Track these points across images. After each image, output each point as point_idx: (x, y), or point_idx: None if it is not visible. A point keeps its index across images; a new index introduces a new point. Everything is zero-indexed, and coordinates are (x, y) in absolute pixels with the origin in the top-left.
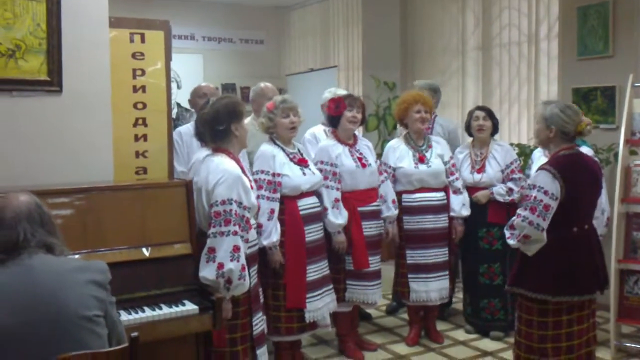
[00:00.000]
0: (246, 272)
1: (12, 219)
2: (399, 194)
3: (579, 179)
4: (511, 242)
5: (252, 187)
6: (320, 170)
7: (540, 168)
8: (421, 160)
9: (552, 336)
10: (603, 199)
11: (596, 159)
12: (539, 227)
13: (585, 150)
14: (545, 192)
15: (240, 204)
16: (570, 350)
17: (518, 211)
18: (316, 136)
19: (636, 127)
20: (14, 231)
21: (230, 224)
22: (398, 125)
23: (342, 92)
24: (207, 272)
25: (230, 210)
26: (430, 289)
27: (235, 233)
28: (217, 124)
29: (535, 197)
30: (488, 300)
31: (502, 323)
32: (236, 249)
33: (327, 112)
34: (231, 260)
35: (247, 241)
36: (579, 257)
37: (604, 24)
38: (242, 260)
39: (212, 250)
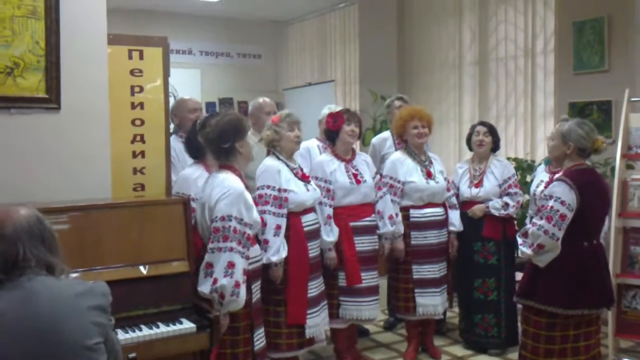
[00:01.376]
0: (240, 288)
1: (11, 234)
2: (405, 209)
3: (591, 193)
4: (524, 249)
5: (257, 204)
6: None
7: (558, 179)
8: (429, 175)
9: (558, 350)
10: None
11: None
12: (554, 236)
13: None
14: (562, 202)
15: (241, 220)
16: None
17: (534, 220)
18: (310, 150)
19: (632, 141)
20: (13, 247)
21: (228, 240)
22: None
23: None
24: (204, 287)
25: (229, 226)
26: (437, 302)
27: (232, 249)
28: (222, 143)
29: (552, 207)
30: (482, 315)
31: (496, 340)
32: (231, 265)
33: (326, 126)
34: (224, 276)
35: (247, 258)
36: (589, 270)
37: (600, 39)
38: (237, 276)
39: (209, 265)
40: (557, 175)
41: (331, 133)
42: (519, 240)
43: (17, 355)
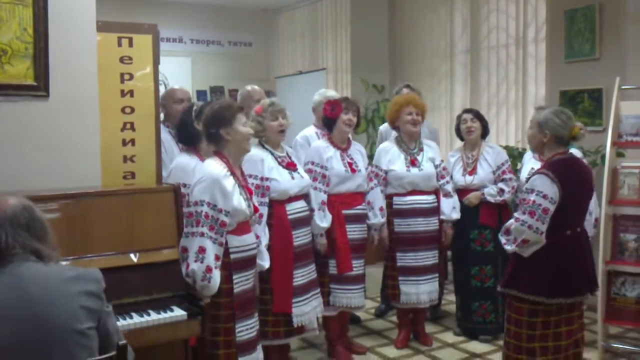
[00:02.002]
0: (212, 273)
1: None
2: (389, 197)
3: (573, 183)
4: (508, 247)
5: (251, 192)
6: (310, 171)
7: (538, 172)
8: (413, 163)
9: (539, 336)
10: (592, 200)
11: (585, 161)
12: (538, 230)
13: (575, 152)
14: (544, 196)
15: (214, 206)
16: (557, 350)
17: (516, 215)
18: (308, 138)
19: (623, 129)
20: None
21: (199, 225)
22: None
23: (332, 93)
24: (183, 272)
25: (201, 211)
26: (421, 291)
27: (203, 234)
28: (209, 128)
29: (534, 201)
30: (479, 302)
31: (494, 325)
32: (202, 250)
33: (323, 114)
34: (195, 261)
35: (221, 244)
36: (572, 259)
37: (591, 27)
38: (208, 261)
39: (184, 249)
40: (537, 168)
41: (328, 120)
42: (502, 239)
43: (7, 338)
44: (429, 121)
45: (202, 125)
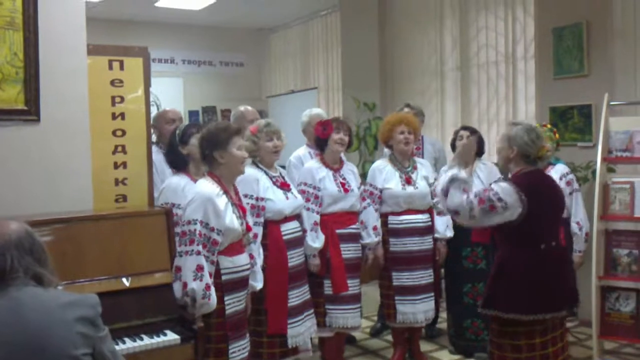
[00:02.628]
0: (210, 291)
1: (0, 247)
2: (385, 216)
3: (542, 196)
4: (440, 207)
5: (244, 211)
6: (303, 192)
7: (507, 180)
8: (408, 181)
9: (525, 359)
10: (580, 214)
11: (571, 176)
12: (473, 217)
13: (561, 167)
14: (500, 199)
15: (206, 225)
16: None
17: (470, 194)
18: (301, 159)
19: (612, 144)
20: (1, 258)
21: (194, 243)
22: (379, 146)
23: (317, 111)
24: (176, 292)
25: (194, 230)
26: (417, 310)
27: (199, 253)
28: (204, 149)
29: (489, 197)
30: (472, 320)
31: (486, 344)
32: (199, 268)
33: (315, 134)
34: (194, 280)
35: (213, 263)
36: (549, 273)
37: (579, 45)
38: (207, 279)
39: (178, 269)
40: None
41: (320, 141)
42: (441, 203)
43: None
44: (433, 139)
45: (198, 145)
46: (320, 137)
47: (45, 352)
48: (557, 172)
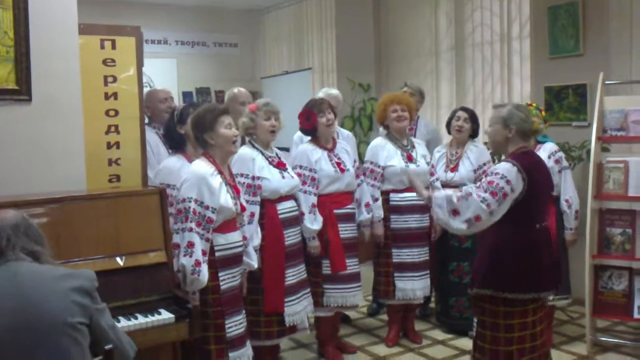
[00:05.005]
0: (201, 267)
1: None
2: (386, 193)
3: (538, 176)
4: (458, 226)
5: (238, 191)
6: (299, 175)
7: (505, 160)
8: (409, 159)
9: (518, 338)
10: (570, 192)
11: (560, 154)
12: (493, 212)
13: (549, 145)
14: (508, 182)
15: (201, 203)
16: (533, 349)
17: (477, 192)
18: (303, 140)
19: (607, 124)
20: None
21: (187, 220)
22: (375, 126)
23: (334, 91)
24: (175, 267)
25: (189, 207)
26: (416, 287)
27: (191, 230)
28: (194, 132)
29: (497, 184)
30: (456, 298)
31: (470, 322)
32: (190, 244)
33: (300, 126)
34: (184, 256)
35: (208, 240)
36: (543, 252)
37: (574, 23)
38: (197, 256)
39: (176, 245)
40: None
41: (310, 131)
42: (453, 223)
43: (1, 329)
44: (427, 122)
45: (191, 128)
46: (306, 128)
47: (41, 319)
48: (545, 150)
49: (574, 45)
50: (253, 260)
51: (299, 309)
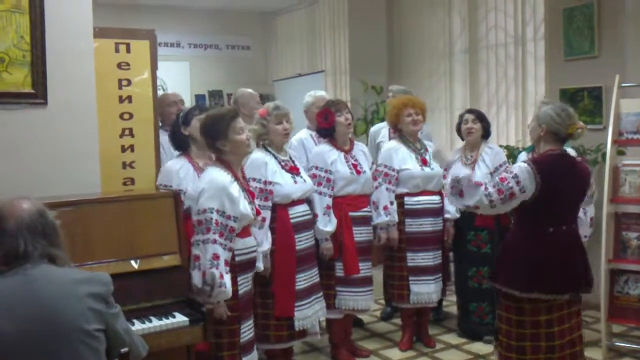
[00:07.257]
0: (225, 279)
1: (13, 229)
2: (400, 197)
3: (559, 179)
4: (459, 205)
5: (253, 195)
6: (315, 176)
7: (523, 161)
8: (424, 162)
9: (530, 335)
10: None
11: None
12: (493, 207)
13: (569, 152)
14: (518, 182)
15: (223, 213)
16: (550, 350)
17: (487, 185)
18: (303, 141)
19: (623, 127)
20: (14, 241)
21: (210, 232)
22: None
23: (321, 93)
24: (195, 280)
25: (211, 219)
26: (432, 290)
27: (215, 241)
28: (206, 139)
29: (508, 182)
30: (477, 303)
31: (491, 327)
32: (215, 257)
33: (319, 127)
34: (210, 268)
35: (230, 249)
36: (551, 256)
37: (589, 25)
38: (221, 268)
39: (197, 257)
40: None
41: (326, 131)
42: (456, 202)
43: (14, 335)
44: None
45: (201, 136)
46: (325, 127)
47: (58, 326)
48: None
49: (589, 47)
50: (260, 262)
51: (309, 314)
